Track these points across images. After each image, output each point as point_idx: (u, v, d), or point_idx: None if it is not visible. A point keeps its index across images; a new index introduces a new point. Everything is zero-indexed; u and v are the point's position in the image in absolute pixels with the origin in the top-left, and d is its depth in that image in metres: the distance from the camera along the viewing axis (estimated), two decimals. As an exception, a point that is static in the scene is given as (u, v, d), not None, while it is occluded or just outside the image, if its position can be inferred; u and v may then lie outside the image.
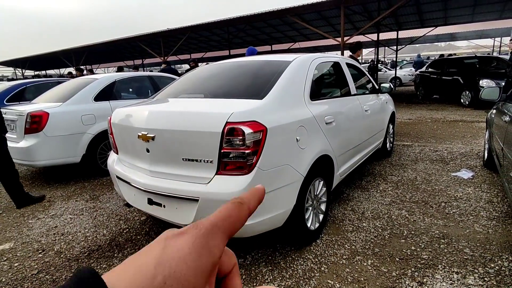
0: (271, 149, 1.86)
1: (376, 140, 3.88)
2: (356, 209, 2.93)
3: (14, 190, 3.32)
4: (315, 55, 2.79)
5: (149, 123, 2.04)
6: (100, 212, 3.20)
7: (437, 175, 3.72)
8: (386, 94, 4.37)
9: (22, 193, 3.37)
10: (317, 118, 2.33)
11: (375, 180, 3.68)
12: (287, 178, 1.97)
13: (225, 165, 1.81)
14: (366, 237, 2.43)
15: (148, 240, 2.57)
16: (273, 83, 2.20)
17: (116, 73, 5.26)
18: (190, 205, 1.90)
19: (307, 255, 2.23)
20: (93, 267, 1.26)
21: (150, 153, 2.07)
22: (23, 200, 3.36)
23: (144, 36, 14.04)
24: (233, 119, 1.78)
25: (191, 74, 3.00)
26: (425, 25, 15.47)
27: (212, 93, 2.39)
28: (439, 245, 2.28)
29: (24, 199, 3.38)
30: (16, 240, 2.72)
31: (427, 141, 5.42)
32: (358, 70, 3.76)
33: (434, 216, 2.73)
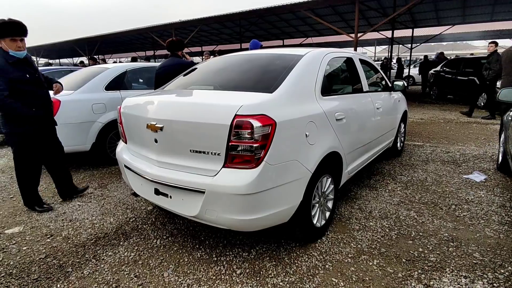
0: (280, 144, 1.83)
1: (387, 139, 3.81)
2: (364, 208, 2.89)
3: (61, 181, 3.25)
4: (328, 49, 2.73)
5: (158, 114, 2.03)
6: (107, 200, 3.24)
7: (448, 177, 3.64)
8: (399, 92, 4.28)
9: (69, 185, 3.30)
10: (327, 114, 2.29)
11: (384, 179, 3.63)
12: (294, 173, 1.94)
13: (233, 158, 1.80)
14: (373, 237, 2.40)
15: (154, 230, 2.59)
16: (284, 77, 2.16)
17: (127, 63, 5.28)
18: (196, 197, 1.89)
19: (312, 252, 2.21)
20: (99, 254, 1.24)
21: (158, 143, 2.07)
22: (68, 192, 3.29)
23: (156, 27, 14.07)
24: (242, 112, 1.75)
25: (201, 66, 2.98)
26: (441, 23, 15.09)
27: (222, 85, 2.36)
28: (447, 248, 2.23)
29: (70, 191, 3.31)
30: (25, 224, 2.77)
31: (439, 142, 5.31)
32: (371, 66, 3.68)
33: (444, 218, 2.67)
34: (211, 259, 2.17)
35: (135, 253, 2.27)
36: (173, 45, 4.04)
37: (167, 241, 2.43)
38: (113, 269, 2.10)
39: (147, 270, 2.08)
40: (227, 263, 2.12)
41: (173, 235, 2.51)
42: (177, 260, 2.18)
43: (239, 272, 2.02)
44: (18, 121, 2.76)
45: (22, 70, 2.73)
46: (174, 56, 4.05)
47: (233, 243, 2.36)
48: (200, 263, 2.14)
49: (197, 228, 2.60)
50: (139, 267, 2.11)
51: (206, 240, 2.41)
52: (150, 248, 2.33)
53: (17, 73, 2.68)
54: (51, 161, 3.17)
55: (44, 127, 2.96)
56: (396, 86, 3.93)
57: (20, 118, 2.74)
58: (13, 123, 2.76)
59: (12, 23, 2.65)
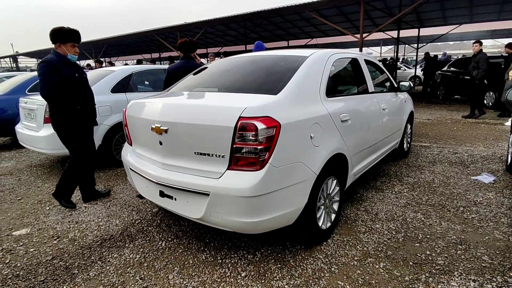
0: (284, 146, 1.82)
1: (393, 140, 3.77)
2: (370, 210, 2.86)
3: (86, 184, 3.30)
4: (333, 50, 2.72)
5: (163, 116, 2.04)
6: (113, 202, 3.25)
7: (456, 178, 3.59)
8: (405, 93, 4.24)
9: (92, 188, 3.36)
10: (332, 115, 2.28)
11: (390, 181, 3.59)
12: (299, 175, 1.93)
13: (237, 160, 1.79)
14: (379, 239, 2.37)
15: (159, 232, 2.60)
16: (288, 78, 2.16)
17: (132, 66, 5.32)
18: (201, 199, 1.89)
19: (317, 255, 2.19)
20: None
21: (163, 145, 2.07)
22: (91, 195, 3.35)
23: (162, 30, 14.16)
24: (246, 114, 1.75)
25: (206, 68, 2.99)
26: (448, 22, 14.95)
27: (226, 87, 2.36)
28: (456, 251, 2.19)
29: (93, 195, 3.36)
30: (33, 226, 2.80)
31: (446, 143, 5.24)
32: (376, 67, 3.66)
33: (452, 220, 2.63)
34: (216, 262, 2.17)
35: (140, 255, 2.28)
36: (186, 46, 3.90)
37: (172, 243, 2.43)
38: (119, 271, 2.11)
39: (152, 272, 2.08)
40: (232, 266, 2.11)
41: (178, 237, 2.51)
42: (182, 262, 2.18)
43: (244, 275, 2.01)
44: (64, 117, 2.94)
45: (72, 69, 2.98)
46: (187, 58, 3.91)
47: (238, 245, 2.35)
48: (205, 265, 2.14)
49: (202, 230, 2.60)
50: (144, 269, 2.12)
51: (211, 242, 2.41)
52: (155, 250, 2.34)
53: (68, 72, 2.92)
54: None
55: (87, 125, 3.14)
56: (402, 87, 3.89)
57: (66, 114, 2.94)
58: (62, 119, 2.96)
59: (74, 31, 2.99)
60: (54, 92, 2.83)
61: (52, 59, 2.86)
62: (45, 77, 2.81)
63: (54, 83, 2.82)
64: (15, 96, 5.55)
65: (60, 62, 2.89)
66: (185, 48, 3.88)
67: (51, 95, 2.83)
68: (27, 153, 5.47)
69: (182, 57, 3.93)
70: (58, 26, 2.99)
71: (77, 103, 2.97)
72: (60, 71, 2.86)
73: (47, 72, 2.82)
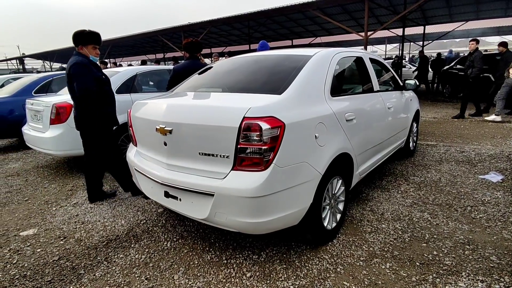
0: (289, 146, 1.82)
1: (399, 139, 3.74)
2: (376, 210, 2.84)
3: (94, 184, 3.32)
4: (337, 49, 2.70)
5: (167, 117, 2.04)
6: (119, 202, 3.27)
7: (463, 177, 3.55)
8: (411, 91, 4.20)
9: (99, 189, 3.39)
10: (337, 115, 2.26)
11: (396, 180, 3.56)
12: (304, 175, 1.92)
13: (241, 161, 1.79)
14: (385, 239, 2.35)
15: (164, 232, 2.60)
16: (292, 78, 2.14)
17: (137, 67, 5.34)
18: (206, 200, 1.89)
19: (323, 255, 2.18)
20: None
21: (167, 146, 2.07)
22: (97, 196, 3.37)
23: (166, 30, 14.21)
24: (250, 114, 1.74)
25: (210, 68, 2.98)
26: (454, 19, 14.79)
27: (230, 87, 2.36)
28: (463, 251, 2.17)
29: (99, 195, 3.39)
30: (40, 226, 2.83)
31: (453, 141, 5.19)
32: (382, 65, 3.63)
33: (459, 220, 2.60)
34: (221, 262, 2.17)
35: (146, 256, 2.29)
36: (192, 47, 3.88)
37: (177, 243, 2.43)
38: (125, 271, 2.12)
39: (158, 272, 2.09)
40: (237, 266, 2.11)
41: (183, 237, 2.51)
42: (187, 262, 2.19)
43: (249, 275, 2.01)
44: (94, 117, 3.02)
45: (99, 71, 3.09)
46: (194, 58, 3.89)
47: (243, 245, 2.35)
48: (210, 265, 2.14)
49: (207, 230, 2.60)
50: (149, 270, 2.12)
51: (216, 243, 2.41)
52: (161, 251, 2.34)
53: (97, 73, 3.03)
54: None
55: (112, 125, 3.23)
56: (407, 85, 3.85)
57: (96, 115, 3.03)
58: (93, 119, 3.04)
59: (95, 33, 3.08)
60: (91, 93, 2.90)
61: (83, 60, 2.94)
62: (82, 78, 2.88)
63: (91, 83, 2.90)
64: (22, 97, 5.62)
65: (90, 63, 2.99)
66: (191, 48, 3.88)
67: (89, 96, 2.89)
68: (34, 154, 5.53)
69: (188, 57, 3.92)
70: (80, 29, 3.08)
71: (106, 104, 3.08)
72: (92, 72, 2.96)
73: (83, 73, 2.89)
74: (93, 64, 3.03)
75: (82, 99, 2.93)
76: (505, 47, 7.38)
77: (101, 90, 3.02)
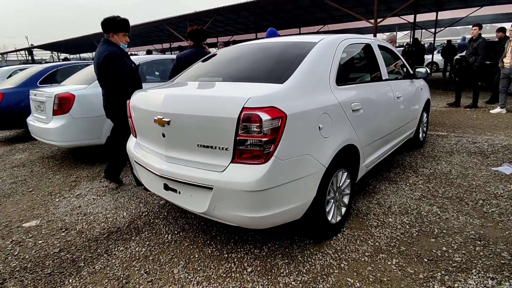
0: (291, 138, 1.73)
1: (408, 130, 3.61)
2: (382, 203, 2.75)
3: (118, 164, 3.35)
4: (344, 36, 2.57)
5: (165, 107, 1.97)
6: (121, 194, 3.25)
7: (475, 169, 3.42)
8: (421, 79, 4.04)
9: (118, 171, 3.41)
10: (342, 104, 2.16)
11: (404, 172, 3.45)
12: (307, 168, 1.84)
13: (241, 153, 1.71)
14: (392, 234, 2.27)
15: (166, 224, 2.57)
16: (295, 66, 2.04)
17: (141, 56, 5.27)
18: (205, 193, 1.83)
19: (326, 250, 2.12)
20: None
21: (166, 138, 2.01)
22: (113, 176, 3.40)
23: (171, 19, 14.06)
24: (250, 104, 1.66)
25: (212, 57, 2.89)
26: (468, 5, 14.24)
27: (231, 76, 2.27)
28: (474, 247, 2.07)
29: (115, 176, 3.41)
30: (42, 217, 2.82)
31: (465, 132, 5.02)
32: (391, 53, 3.47)
33: (470, 214, 2.50)
34: (221, 256, 2.12)
35: (146, 249, 2.25)
36: (197, 34, 3.77)
37: (178, 236, 2.40)
38: (124, 264, 2.09)
39: (158, 266, 2.06)
40: (238, 260, 2.06)
41: (184, 230, 2.47)
42: (188, 256, 2.15)
43: (250, 270, 1.96)
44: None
45: (129, 60, 3.08)
46: (198, 46, 3.79)
47: (245, 239, 2.30)
48: (211, 259, 2.09)
49: (208, 223, 2.55)
50: (149, 263, 2.09)
51: (218, 236, 2.36)
52: (161, 244, 2.31)
53: (129, 63, 3.02)
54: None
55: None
56: (418, 73, 3.69)
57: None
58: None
59: (126, 20, 3.04)
60: (126, 84, 2.87)
61: (116, 51, 2.91)
62: (117, 70, 2.87)
63: (126, 75, 2.89)
64: (27, 88, 5.60)
65: (121, 53, 2.95)
66: (195, 36, 3.77)
67: (125, 88, 2.86)
68: (40, 144, 5.55)
69: (192, 45, 3.82)
70: (111, 16, 3.03)
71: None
72: (125, 63, 2.93)
73: (118, 64, 2.87)
74: (125, 54, 3.01)
75: (116, 88, 2.92)
76: (504, 32, 7.02)
77: (132, 80, 3.01)
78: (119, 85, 2.90)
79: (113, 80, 2.88)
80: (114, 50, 2.91)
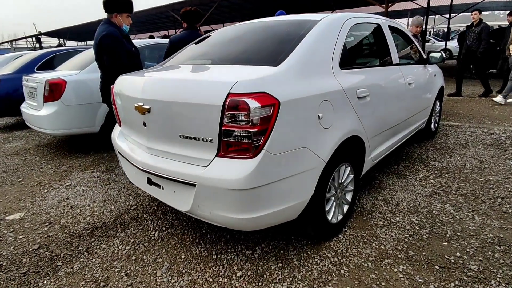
0: (285, 128, 1.50)
1: (420, 119, 3.34)
2: (389, 200, 2.52)
3: None
4: (350, 14, 2.30)
5: (145, 93, 1.75)
6: (112, 185, 3.08)
7: (492, 163, 3.14)
8: (435, 65, 3.73)
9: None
10: (347, 91, 1.91)
11: (414, 165, 3.19)
12: (303, 163, 1.62)
13: (227, 146, 1.50)
14: (399, 236, 2.05)
15: (154, 220, 2.39)
16: (293, 46, 1.79)
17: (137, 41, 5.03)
18: (188, 190, 1.63)
19: (325, 253, 1.91)
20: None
21: (147, 127, 1.80)
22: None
23: (176, 5, 13.69)
24: (236, 89, 1.43)
25: (207, 38, 2.65)
26: (486, -12, 13.50)
27: (222, 58, 2.03)
28: (492, 253, 1.84)
29: None
30: (27, 210, 2.68)
31: (480, 122, 4.70)
32: (403, 35, 3.17)
33: (487, 214, 2.25)
34: (210, 257, 1.94)
35: (130, 247, 2.08)
36: (191, 16, 3.57)
37: (166, 233, 2.22)
38: (105, 264, 1.93)
39: (140, 267, 1.88)
40: (227, 263, 1.88)
41: (173, 227, 2.29)
42: (174, 256, 1.97)
43: (239, 275, 1.77)
44: None
45: (129, 43, 2.94)
46: (192, 28, 3.59)
47: (237, 238, 2.11)
48: (198, 261, 1.91)
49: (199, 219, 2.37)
50: (131, 264, 1.92)
51: (208, 234, 2.18)
52: (147, 241, 2.14)
53: (128, 46, 2.88)
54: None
55: None
56: (432, 58, 3.39)
57: None
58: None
59: (130, 1, 2.90)
60: (123, 67, 2.71)
61: (115, 32, 2.75)
62: (114, 52, 2.72)
63: (123, 58, 2.74)
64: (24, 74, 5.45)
65: (122, 36, 2.81)
66: (189, 18, 3.54)
67: (120, 70, 2.67)
68: (37, 132, 5.43)
69: (186, 27, 3.59)
70: None
71: None
72: (124, 45, 2.78)
73: (116, 46, 2.72)
74: (125, 36, 2.89)
75: (112, 72, 2.75)
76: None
77: (131, 64, 2.84)
78: (116, 69, 2.72)
79: (109, 62, 2.73)
80: (112, 30, 2.75)
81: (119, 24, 2.90)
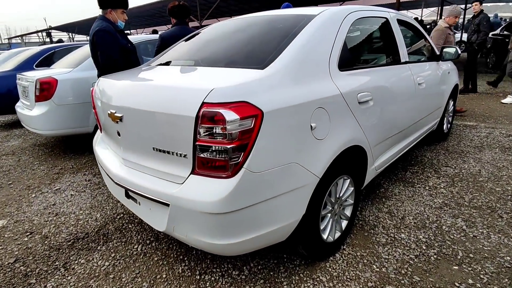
0: (269, 143, 1.31)
1: (431, 121, 3.09)
2: (395, 212, 2.30)
3: None
4: (353, 7, 2.06)
5: (118, 100, 1.58)
6: (102, 190, 2.95)
7: (510, 170, 2.88)
8: (449, 61, 3.44)
9: None
10: (346, 96, 1.69)
11: (423, 171, 2.95)
12: (293, 181, 1.42)
13: (202, 163, 1.31)
14: (403, 256, 1.84)
15: (139, 231, 2.24)
16: (284, 46, 1.58)
17: (134, 36, 4.86)
18: (162, 209, 1.45)
19: (319, 276, 1.72)
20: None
21: (121, 137, 1.63)
22: None
23: (181, -3, 13.45)
24: (212, 98, 1.23)
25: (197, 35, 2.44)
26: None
27: (206, 59, 1.83)
28: (510, 282, 1.62)
29: None
30: (11, 217, 2.56)
31: (497, 122, 4.38)
32: (413, 29, 2.91)
33: (505, 232, 2.02)
34: (193, 277, 1.77)
35: (110, 262, 1.93)
36: (180, 11, 3.42)
37: (149, 247, 2.06)
38: (80, 283, 1.78)
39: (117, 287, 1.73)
40: (210, 285, 1.70)
41: (158, 240, 2.13)
42: (154, 275, 1.81)
43: (222, 301, 1.60)
44: None
45: (124, 39, 2.85)
46: (182, 24, 3.45)
47: (224, 256, 1.93)
48: (180, 282, 1.74)
49: (186, 232, 2.20)
50: (108, 283, 1.77)
51: (193, 249, 2.01)
52: (128, 256, 1.98)
53: (123, 41, 2.79)
54: None
55: None
56: (445, 54, 3.10)
57: None
58: None
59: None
60: (115, 63, 2.63)
61: (107, 27, 2.67)
62: (106, 47, 2.63)
63: (115, 53, 2.65)
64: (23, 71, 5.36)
65: (116, 31, 2.73)
66: (178, 13, 3.37)
67: (113, 66, 2.61)
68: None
69: (175, 23, 3.41)
70: None
71: None
72: (117, 40, 2.70)
73: (109, 42, 2.63)
74: (120, 32, 2.82)
75: (105, 69, 2.65)
76: None
77: (126, 60, 2.74)
78: (108, 64, 2.63)
79: (103, 59, 2.64)
80: (105, 26, 2.66)
81: (113, 20, 2.83)
